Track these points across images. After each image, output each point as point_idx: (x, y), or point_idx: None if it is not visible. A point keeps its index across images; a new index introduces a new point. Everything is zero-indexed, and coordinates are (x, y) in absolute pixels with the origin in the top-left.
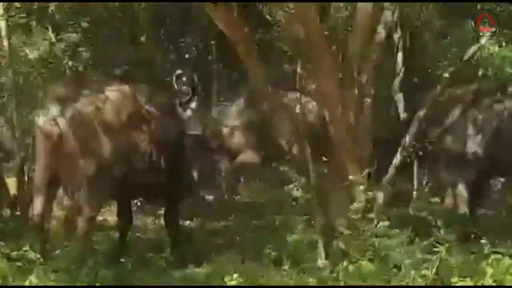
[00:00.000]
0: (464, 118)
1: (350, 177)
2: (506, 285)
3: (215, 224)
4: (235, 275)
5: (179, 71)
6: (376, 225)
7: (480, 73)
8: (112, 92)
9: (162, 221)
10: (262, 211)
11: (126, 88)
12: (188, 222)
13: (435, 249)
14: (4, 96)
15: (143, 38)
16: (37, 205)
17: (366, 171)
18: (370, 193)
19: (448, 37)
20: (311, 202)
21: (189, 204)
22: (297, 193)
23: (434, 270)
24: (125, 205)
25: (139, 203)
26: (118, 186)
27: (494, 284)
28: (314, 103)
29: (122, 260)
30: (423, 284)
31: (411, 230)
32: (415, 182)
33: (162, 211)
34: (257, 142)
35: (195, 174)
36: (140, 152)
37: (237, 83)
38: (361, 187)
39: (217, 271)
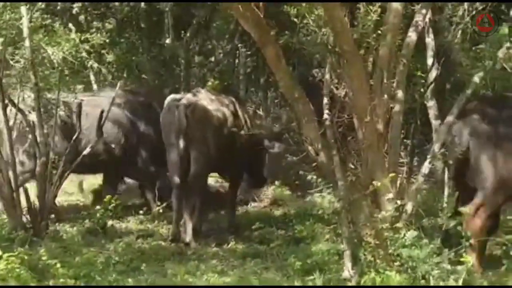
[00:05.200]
0: None
1: (374, 182)
2: None
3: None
4: None
5: None
6: (404, 235)
7: None
8: None
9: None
10: (288, 220)
11: None
12: None
13: (463, 259)
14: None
15: (168, 40)
16: None
17: (390, 175)
18: (398, 202)
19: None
20: (338, 210)
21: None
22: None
23: (461, 281)
24: None
25: None
26: None
27: None
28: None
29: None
30: None
31: (440, 240)
32: (446, 191)
33: None
34: None
35: None
36: None
37: (264, 87)
38: (389, 196)
39: (240, 280)
